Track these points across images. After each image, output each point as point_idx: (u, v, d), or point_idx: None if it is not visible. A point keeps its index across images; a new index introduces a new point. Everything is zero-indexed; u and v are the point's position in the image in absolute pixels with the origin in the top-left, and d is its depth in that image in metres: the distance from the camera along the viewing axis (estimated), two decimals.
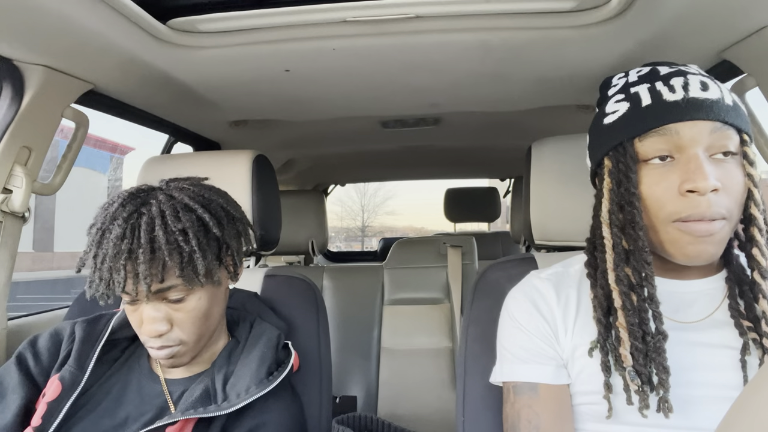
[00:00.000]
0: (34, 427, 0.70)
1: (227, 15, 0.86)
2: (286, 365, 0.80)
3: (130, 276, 0.66)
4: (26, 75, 0.95)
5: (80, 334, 0.79)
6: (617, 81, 0.68)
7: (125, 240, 0.65)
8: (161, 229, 0.66)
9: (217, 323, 0.78)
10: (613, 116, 0.65)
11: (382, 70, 1.08)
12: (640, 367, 0.58)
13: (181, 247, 0.67)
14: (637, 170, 0.61)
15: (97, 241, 0.67)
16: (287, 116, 1.48)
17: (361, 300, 1.85)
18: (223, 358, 0.78)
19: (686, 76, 0.61)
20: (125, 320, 0.80)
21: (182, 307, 0.70)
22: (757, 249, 0.60)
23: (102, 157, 17.95)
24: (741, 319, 0.60)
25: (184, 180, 0.76)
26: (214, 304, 0.75)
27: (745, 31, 0.82)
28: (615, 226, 0.63)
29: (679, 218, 0.58)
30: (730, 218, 0.58)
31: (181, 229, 0.67)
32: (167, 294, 0.69)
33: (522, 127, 1.59)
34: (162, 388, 0.77)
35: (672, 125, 0.59)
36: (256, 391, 0.73)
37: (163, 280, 0.66)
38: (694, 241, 0.58)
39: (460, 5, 0.83)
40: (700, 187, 0.56)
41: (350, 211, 26.44)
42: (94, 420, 0.73)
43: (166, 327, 0.69)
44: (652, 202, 0.60)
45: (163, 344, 0.70)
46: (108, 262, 0.65)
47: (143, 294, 0.67)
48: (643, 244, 0.60)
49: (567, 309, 0.68)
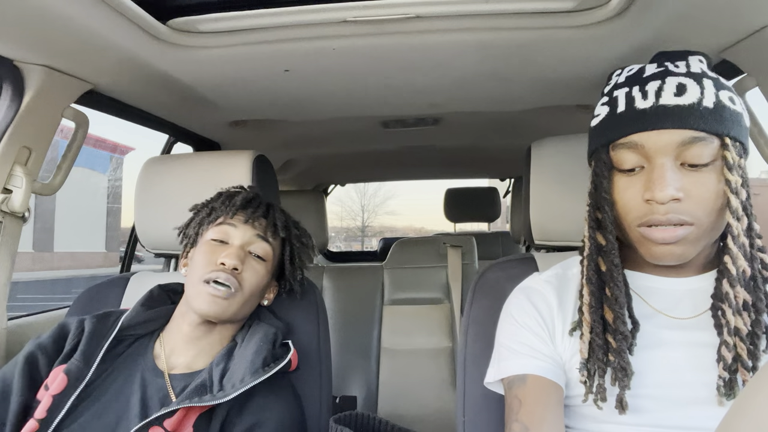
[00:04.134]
0: (38, 419, 0.71)
1: (227, 15, 0.86)
2: (283, 359, 0.81)
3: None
4: (26, 75, 0.95)
5: (89, 328, 0.81)
6: (614, 78, 0.69)
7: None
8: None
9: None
10: (596, 119, 0.67)
11: (382, 70, 1.08)
12: (598, 362, 0.60)
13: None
14: (610, 176, 0.63)
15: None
16: (287, 116, 1.48)
17: (361, 300, 1.85)
18: (222, 356, 0.81)
19: (665, 79, 0.60)
20: (134, 319, 0.85)
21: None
22: (729, 257, 0.59)
23: (101, 157, 17.99)
24: (721, 319, 0.60)
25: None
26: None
27: (745, 31, 0.82)
28: (591, 227, 0.65)
29: (641, 223, 0.60)
30: (698, 224, 0.58)
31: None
32: None
33: (522, 127, 1.59)
34: (165, 383, 0.79)
35: (638, 136, 0.60)
36: (250, 380, 0.74)
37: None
38: (658, 245, 0.59)
39: (460, 5, 0.83)
40: (657, 198, 0.57)
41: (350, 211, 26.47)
42: (98, 412, 0.75)
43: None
44: (621, 207, 0.62)
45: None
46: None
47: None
48: (611, 246, 0.62)
49: (566, 313, 0.68)
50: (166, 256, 1.24)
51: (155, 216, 1.09)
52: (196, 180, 1.06)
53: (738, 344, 0.57)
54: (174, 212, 0.99)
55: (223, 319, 0.83)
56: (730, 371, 0.57)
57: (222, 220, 0.87)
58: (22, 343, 0.87)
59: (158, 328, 0.87)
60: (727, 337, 0.58)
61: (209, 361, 0.82)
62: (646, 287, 0.66)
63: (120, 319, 0.84)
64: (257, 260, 0.86)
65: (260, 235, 0.87)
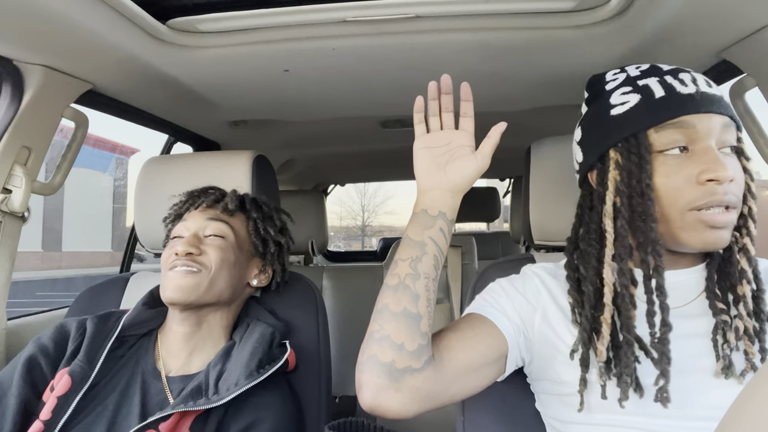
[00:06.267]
0: (43, 420, 0.71)
1: (227, 15, 0.85)
2: (279, 360, 0.81)
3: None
4: (26, 75, 0.95)
5: (91, 329, 0.82)
6: (615, 76, 0.68)
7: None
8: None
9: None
10: (622, 107, 0.64)
11: (382, 70, 1.08)
12: (625, 358, 0.59)
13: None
14: (651, 160, 0.61)
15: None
16: (287, 116, 1.48)
17: (361, 300, 1.84)
18: (219, 357, 0.81)
19: (690, 73, 0.63)
20: (135, 318, 0.85)
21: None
22: (749, 238, 0.62)
23: (107, 159, 18.38)
24: (716, 301, 0.61)
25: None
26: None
27: (744, 31, 0.82)
28: (623, 218, 0.62)
29: (696, 206, 0.59)
30: (739, 207, 0.61)
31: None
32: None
33: (522, 127, 1.59)
34: (163, 385, 0.79)
35: (688, 117, 0.60)
36: (245, 383, 0.74)
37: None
38: (713, 229, 0.59)
39: (459, 5, 0.83)
40: (721, 177, 0.57)
41: (350, 211, 26.47)
42: (99, 413, 0.75)
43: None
44: (669, 191, 0.60)
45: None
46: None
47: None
48: (656, 236, 0.60)
49: (554, 299, 0.69)
50: None
51: (155, 216, 1.08)
52: (196, 180, 1.06)
53: (746, 321, 0.59)
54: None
55: (195, 302, 0.82)
56: (729, 349, 0.59)
57: (179, 219, 0.92)
58: (22, 343, 0.87)
59: (157, 327, 0.88)
60: (724, 316, 0.60)
61: (206, 361, 0.82)
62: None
63: (121, 319, 0.84)
64: (214, 239, 0.87)
65: (211, 218, 0.89)
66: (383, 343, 0.58)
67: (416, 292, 0.60)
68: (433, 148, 0.69)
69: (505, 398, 0.77)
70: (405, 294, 0.60)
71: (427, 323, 0.60)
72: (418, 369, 0.58)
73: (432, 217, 0.65)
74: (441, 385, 0.60)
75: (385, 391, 0.57)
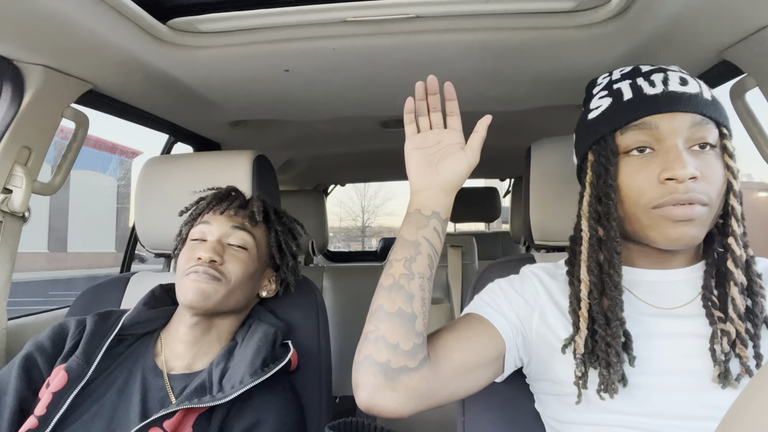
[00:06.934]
0: (38, 416, 0.71)
1: (227, 15, 0.85)
2: (282, 359, 0.81)
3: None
4: (26, 75, 0.95)
5: (90, 327, 0.82)
6: (602, 80, 0.71)
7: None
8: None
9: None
10: (596, 111, 0.67)
11: (382, 70, 1.08)
12: (601, 352, 0.60)
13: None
14: (616, 162, 0.63)
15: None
16: (287, 116, 1.48)
17: (361, 300, 1.83)
18: (221, 356, 0.81)
19: (666, 73, 0.64)
20: (136, 318, 0.85)
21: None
22: (733, 238, 0.62)
23: (112, 161, 18.71)
24: (713, 309, 0.61)
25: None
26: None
27: (744, 31, 0.82)
28: (592, 218, 0.65)
29: (658, 204, 0.60)
30: (711, 205, 0.60)
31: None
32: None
33: (522, 127, 1.59)
34: (165, 383, 0.79)
35: (651, 118, 0.61)
36: (249, 381, 0.74)
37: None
38: (675, 225, 0.59)
39: (460, 5, 0.83)
40: (678, 175, 0.58)
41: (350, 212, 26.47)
42: (99, 411, 0.75)
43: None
44: (632, 190, 0.62)
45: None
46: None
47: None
48: (614, 234, 0.62)
49: (552, 299, 0.69)
50: (166, 256, 1.24)
51: (155, 216, 1.09)
52: (196, 180, 1.06)
53: (738, 324, 0.59)
54: (174, 212, 0.99)
55: (211, 309, 0.82)
56: (724, 356, 0.58)
57: (200, 219, 0.90)
58: (22, 343, 0.87)
59: (159, 327, 0.88)
60: (721, 324, 0.59)
61: (209, 361, 0.82)
62: (632, 280, 0.67)
63: (121, 318, 0.85)
64: (238, 250, 0.87)
65: (236, 226, 0.88)
66: (378, 343, 0.59)
67: (411, 291, 0.61)
68: (424, 148, 0.69)
69: (505, 398, 0.77)
70: (400, 294, 0.60)
71: (422, 323, 0.61)
72: (413, 368, 0.58)
73: (426, 216, 0.66)
74: (437, 384, 0.61)
75: (381, 391, 0.57)
